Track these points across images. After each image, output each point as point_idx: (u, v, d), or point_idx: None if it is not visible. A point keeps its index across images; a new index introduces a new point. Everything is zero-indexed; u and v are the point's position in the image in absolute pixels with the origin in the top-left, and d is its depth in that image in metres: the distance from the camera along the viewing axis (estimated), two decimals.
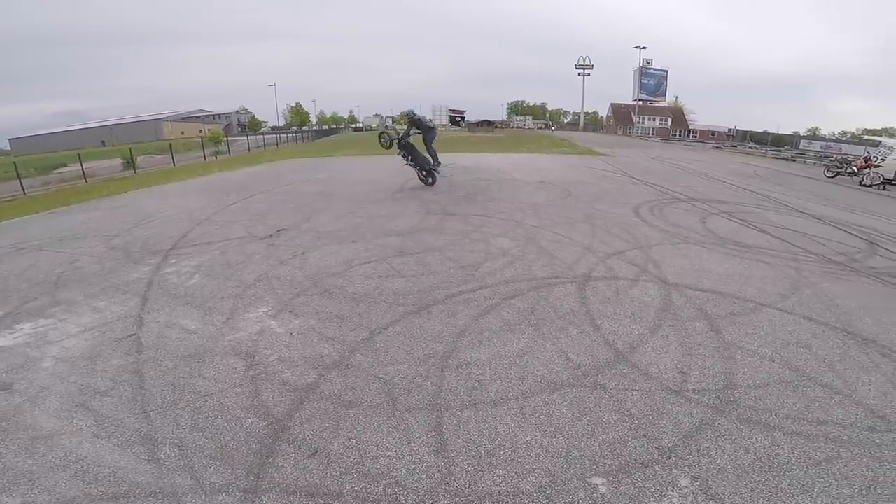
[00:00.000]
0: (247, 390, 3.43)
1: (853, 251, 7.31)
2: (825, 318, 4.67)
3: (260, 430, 3.00)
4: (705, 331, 4.32)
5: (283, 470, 2.67)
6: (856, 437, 2.93)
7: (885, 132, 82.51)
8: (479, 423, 3.04)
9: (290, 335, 4.25)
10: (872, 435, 2.95)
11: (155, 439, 2.93)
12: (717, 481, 2.56)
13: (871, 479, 2.58)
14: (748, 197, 12.37)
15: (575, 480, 2.58)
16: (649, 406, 3.21)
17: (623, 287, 5.36)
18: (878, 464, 2.69)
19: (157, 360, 3.86)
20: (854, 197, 14.30)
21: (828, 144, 34.76)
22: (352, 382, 3.51)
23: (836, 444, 2.86)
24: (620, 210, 9.73)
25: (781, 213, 10.26)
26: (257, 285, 5.45)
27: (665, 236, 7.69)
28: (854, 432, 2.98)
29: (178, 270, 6.03)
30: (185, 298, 5.12)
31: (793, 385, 3.49)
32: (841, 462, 2.71)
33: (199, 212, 9.72)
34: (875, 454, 2.77)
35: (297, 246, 7.01)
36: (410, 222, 8.45)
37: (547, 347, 4.01)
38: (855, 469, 2.66)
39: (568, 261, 6.27)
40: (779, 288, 5.45)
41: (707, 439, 2.89)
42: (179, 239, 7.57)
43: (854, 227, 9.23)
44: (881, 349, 4.05)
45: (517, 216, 8.93)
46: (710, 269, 6.08)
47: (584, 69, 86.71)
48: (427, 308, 4.78)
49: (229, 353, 3.96)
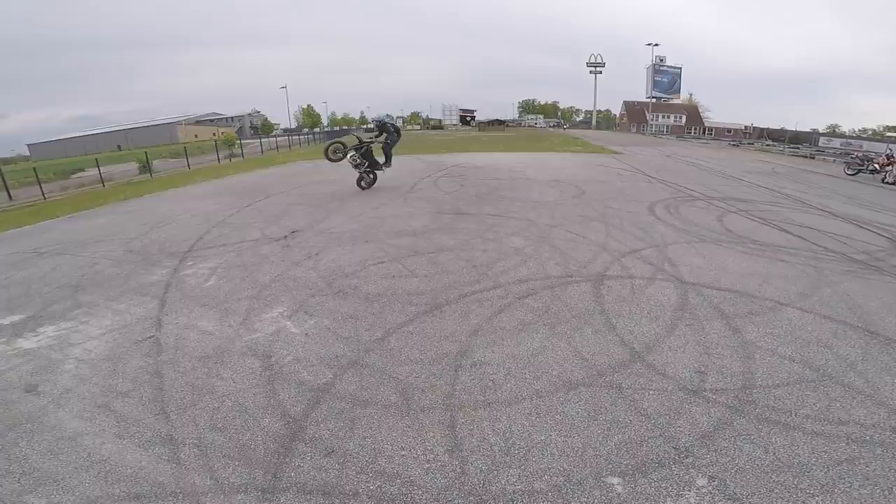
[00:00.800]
0: (264, 390, 3.47)
1: (875, 250, 7.14)
2: (846, 317, 4.57)
3: (277, 430, 3.03)
4: (723, 330, 4.26)
5: (300, 469, 2.69)
6: (878, 438, 2.86)
7: None
8: (494, 423, 3.04)
9: (306, 335, 4.28)
10: (895, 436, 2.88)
11: (175, 439, 2.98)
12: (735, 481, 2.53)
13: (893, 481, 2.52)
14: (766, 195, 12.16)
15: (590, 480, 2.56)
16: (666, 406, 3.18)
17: (639, 286, 5.31)
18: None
19: (176, 362, 3.93)
20: (876, 195, 13.96)
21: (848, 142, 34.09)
22: (366, 382, 3.53)
23: (857, 445, 2.80)
24: (635, 208, 9.64)
25: (801, 212, 10.07)
26: (273, 286, 5.51)
27: (681, 235, 7.59)
28: (876, 433, 2.91)
29: (196, 273, 6.12)
30: (203, 300, 5.19)
31: (813, 385, 3.42)
32: (863, 463, 2.66)
33: (214, 214, 9.86)
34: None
35: (312, 247, 7.07)
36: (423, 222, 8.48)
37: (561, 346, 3.99)
38: (877, 470, 2.60)
39: (582, 259, 6.23)
40: (799, 287, 5.35)
41: (725, 439, 2.85)
42: (196, 241, 7.69)
43: (877, 225, 9.02)
44: None
45: (530, 215, 8.90)
46: (728, 267, 5.99)
47: (595, 67, 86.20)
48: (440, 307, 4.78)
49: (246, 353, 4.01)
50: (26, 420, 3.23)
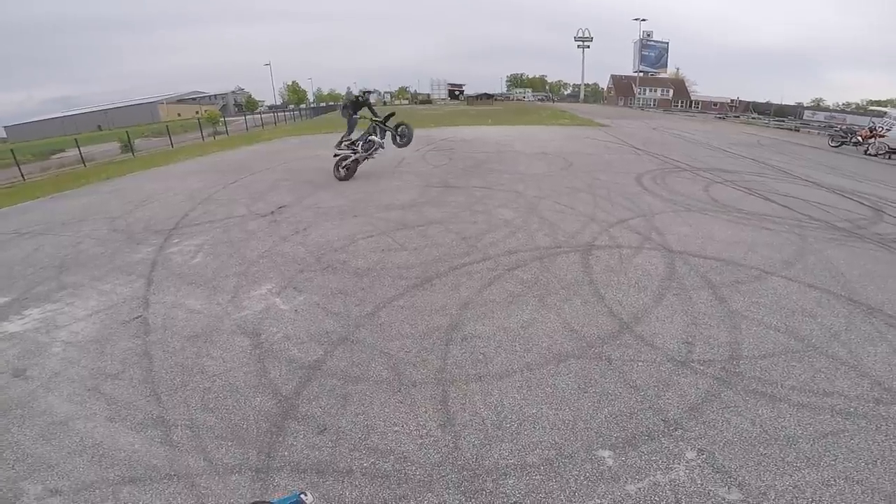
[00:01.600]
0: (254, 369, 3.46)
1: (858, 218, 7.24)
2: (830, 286, 4.65)
3: (269, 409, 3.03)
4: (710, 300, 4.31)
5: (293, 448, 2.70)
6: (862, 410, 2.92)
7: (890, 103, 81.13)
8: (485, 397, 3.06)
9: (295, 312, 4.25)
10: (879, 407, 2.94)
11: (167, 421, 2.97)
12: (723, 454, 2.58)
13: (877, 454, 2.57)
14: (751, 166, 12.21)
15: (582, 453, 2.60)
16: (655, 378, 3.23)
17: (627, 255, 5.34)
18: (885, 437, 2.69)
19: (164, 342, 3.89)
20: (859, 166, 14.09)
21: (832, 115, 34.22)
22: (357, 358, 3.53)
23: (842, 417, 2.86)
24: (622, 180, 9.63)
25: (785, 182, 10.14)
26: (260, 262, 5.44)
27: (668, 204, 7.62)
28: (860, 404, 2.97)
29: (182, 250, 6.02)
30: (190, 278, 5.12)
31: (798, 355, 3.48)
32: (847, 435, 2.71)
33: (199, 192, 9.65)
34: (881, 427, 2.77)
35: (299, 222, 6.98)
36: (411, 196, 8.39)
37: (551, 318, 4.01)
38: (861, 443, 2.65)
39: (570, 230, 6.23)
40: (783, 255, 5.42)
41: (713, 411, 2.90)
42: (181, 219, 7.54)
43: (859, 194, 9.13)
44: (886, 318, 4.04)
45: (518, 187, 8.85)
46: (714, 236, 6.04)
47: (583, 41, 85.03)
48: (430, 281, 4.77)
49: (235, 332, 3.98)
50: (16, 405, 3.19)
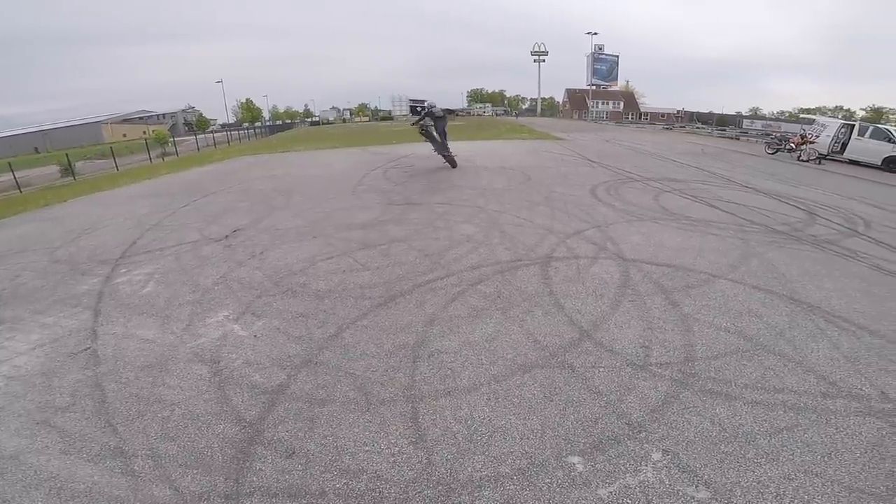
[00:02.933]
0: (215, 396, 3.34)
1: (794, 221, 7.77)
2: (772, 286, 4.95)
3: (233, 435, 2.93)
4: (663, 304, 4.50)
5: (261, 473, 2.63)
6: (811, 404, 3.09)
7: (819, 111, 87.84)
8: (455, 411, 3.07)
9: (255, 337, 4.14)
10: (826, 401, 3.12)
11: (126, 452, 2.84)
12: (687, 454, 2.67)
13: (830, 445, 2.72)
14: (697, 174, 12.89)
15: (552, 461, 2.64)
16: (616, 382, 3.33)
17: (584, 265, 5.50)
18: (835, 430, 2.85)
19: (116, 372, 3.70)
20: (793, 171, 15.12)
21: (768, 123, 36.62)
22: (322, 380, 3.46)
23: (794, 412, 3.01)
24: (578, 192, 9.95)
25: (728, 189, 10.75)
26: (216, 289, 5.27)
27: (621, 215, 7.92)
28: (809, 399, 3.14)
29: (131, 279, 5.75)
30: (141, 308, 4.90)
31: (748, 354, 3.67)
32: (801, 429, 2.85)
33: (148, 217, 9.28)
34: (831, 420, 2.93)
35: (256, 245, 6.81)
36: (372, 214, 8.36)
37: (515, 330, 4.08)
38: (814, 436, 2.80)
39: (530, 243, 6.37)
40: (729, 259, 5.73)
41: (674, 412, 3.01)
42: (129, 247, 7.21)
43: (794, 199, 9.79)
44: (825, 315, 4.33)
45: (479, 202, 8.99)
46: (665, 243, 6.32)
47: (539, 56, 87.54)
48: (394, 299, 4.76)
49: (192, 360, 3.83)
50: None
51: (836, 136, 19.85)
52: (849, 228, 7.43)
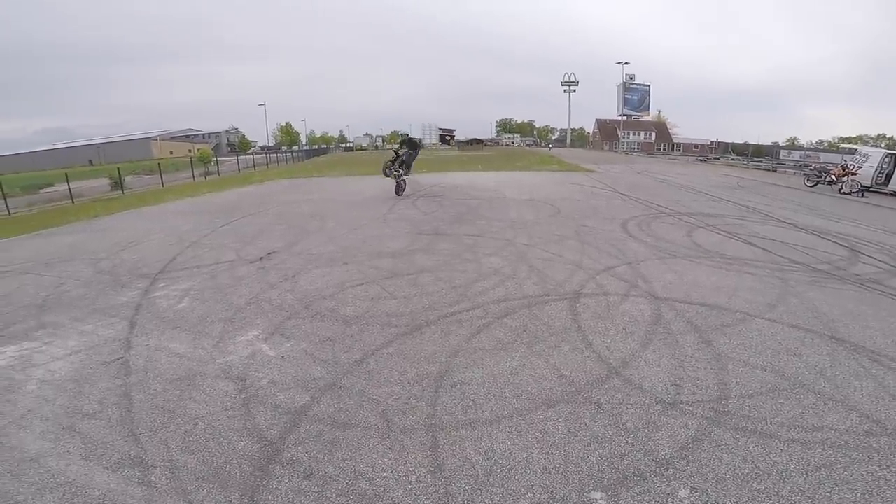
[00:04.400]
0: (238, 413, 3.39)
1: (836, 259, 7.45)
2: (812, 325, 4.73)
3: (253, 453, 2.96)
4: (696, 343, 4.36)
5: (277, 492, 2.63)
6: (853, 442, 2.95)
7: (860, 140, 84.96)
8: (476, 442, 3.02)
9: (282, 358, 4.21)
10: (869, 439, 2.97)
11: (145, 462, 2.89)
12: (716, 491, 2.56)
13: (871, 483, 2.60)
14: (732, 209, 12.58)
15: (573, 496, 2.56)
16: (644, 419, 3.22)
17: (613, 302, 5.40)
18: (878, 467, 2.72)
19: (145, 384, 3.81)
20: (834, 205, 14.59)
21: (807, 154, 35.65)
22: (345, 404, 3.47)
23: (833, 450, 2.88)
24: (609, 226, 9.85)
25: (765, 224, 10.44)
26: (248, 309, 5.41)
27: (653, 251, 7.78)
28: (851, 437, 3.00)
29: (167, 294, 5.97)
30: (175, 322, 5.06)
31: (786, 393, 3.52)
32: (840, 467, 2.73)
33: (188, 234, 9.67)
34: (874, 458, 2.80)
35: (288, 269, 6.99)
36: (402, 243, 8.47)
37: (540, 365, 4.01)
38: (855, 473, 2.67)
39: (558, 278, 6.31)
40: (766, 298, 5.53)
41: (704, 450, 2.90)
42: (169, 262, 7.52)
43: (836, 235, 9.41)
44: (869, 354, 4.12)
45: (508, 235, 9.00)
46: (699, 282, 6.15)
47: (569, 86, 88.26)
48: (420, 329, 4.77)
49: (220, 376, 3.91)
50: None
51: (880, 166, 19.03)
52: (895, 267, 7.07)
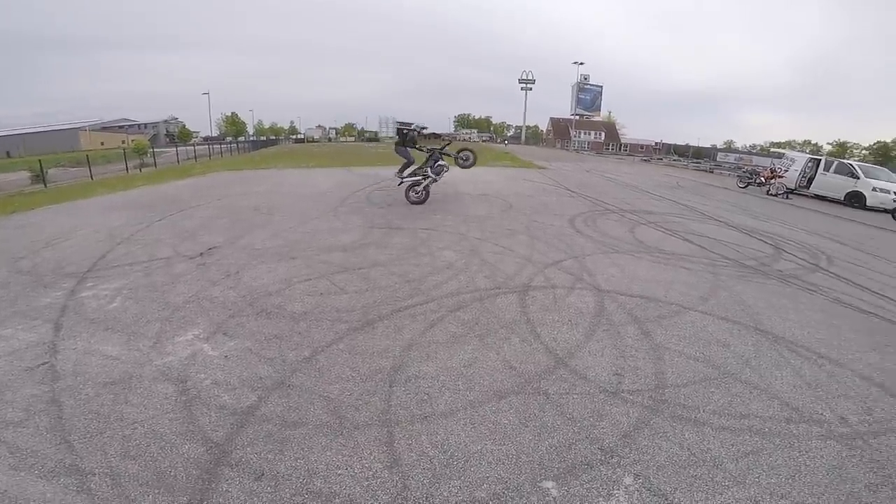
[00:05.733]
0: (181, 416, 3.23)
1: (762, 256, 8.06)
2: (740, 318, 5.10)
3: (199, 456, 2.84)
4: (636, 334, 4.59)
5: (228, 495, 2.54)
6: (776, 429, 3.20)
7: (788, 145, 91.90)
8: (431, 436, 3.04)
9: (226, 358, 4.04)
10: (790, 426, 3.24)
11: (82, 469, 2.72)
12: (658, 478, 2.71)
13: (794, 469, 2.82)
14: (672, 207, 13.30)
15: (527, 486, 2.64)
16: (589, 408, 3.36)
17: (560, 295, 5.58)
18: (798, 453, 2.96)
19: (76, 389, 3.55)
20: (762, 206, 15.75)
21: (740, 157, 38.17)
22: (295, 403, 3.39)
23: (759, 437, 3.12)
24: (557, 222, 10.14)
25: (701, 222, 11.12)
26: (187, 307, 5.15)
27: (598, 246, 8.09)
28: (774, 424, 3.26)
29: (97, 294, 5.58)
30: (106, 323, 4.74)
31: (716, 382, 3.78)
32: (766, 453, 2.95)
33: (120, 230, 9.06)
34: (794, 444, 3.05)
35: (231, 265, 6.70)
36: (353, 237, 8.34)
37: (492, 357, 4.09)
38: (779, 459, 2.90)
39: (509, 271, 6.44)
40: (699, 291, 5.90)
41: (645, 437, 3.06)
42: (98, 260, 7.02)
43: (763, 233, 10.18)
44: (788, 345, 4.51)
45: (462, 229, 9.07)
46: (639, 275, 6.47)
47: (526, 83, 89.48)
48: (372, 324, 4.72)
49: (158, 378, 3.71)
50: None
51: (804, 170, 20.69)
52: (812, 264, 7.74)
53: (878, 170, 19.78)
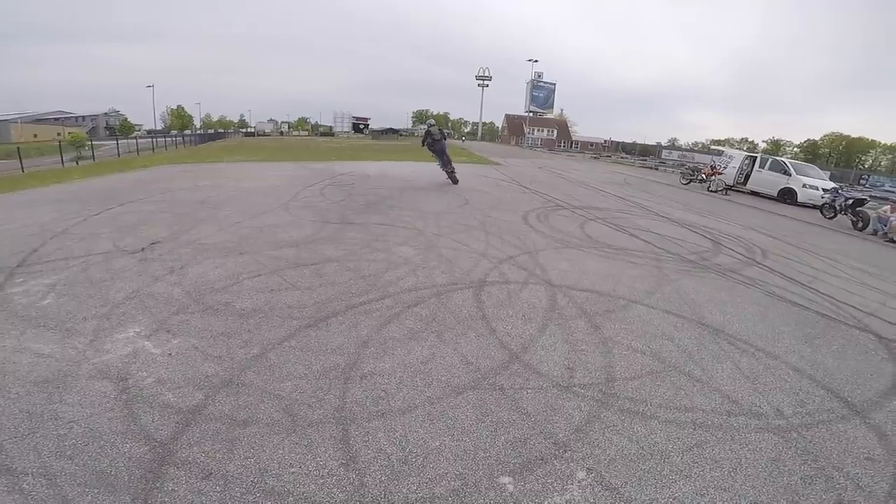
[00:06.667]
0: (121, 414, 3.07)
1: (703, 250, 8.51)
2: (683, 311, 5.37)
3: (141, 455, 2.71)
4: (586, 328, 4.74)
5: (174, 493, 2.44)
6: (717, 422, 3.35)
7: (727, 143, 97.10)
8: (389, 433, 3.03)
9: (169, 356, 3.86)
10: (730, 419, 3.40)
11: (14, 469, 2.55)
12: (609, 472, 2.79)
13: (735, 461, 2.95)
14: (619, 203, 13.81)
15: (485, 481, 2.67)
16: (543, 403, 3.44)
17: (514, 290, 5.68)
18: (739, 446, 3.10)
19: (4, 388, 3.30)
20: (703, 201, 16.61)
21: (683, 154, 40.06)
22: (244, 401, 3.29)
23: (702, 430, 3.25)
24: (511, 217, 10.31)
25: (646, 218, 11.61)
26: (127, 304, 4.87)
27: (550, 241, 8.29)
28: (716, 417, 3.41)
29: (27, 290, 5.18)
30: (38, 320, 4.41)
31: (662, 375, 3.94)
32: (709, 446, 3.08)
33: (53, 224, 8.43)
34: (736, 437, 3.19)
35: (175, 260, 6.39)
36: (306, 232, 8.14)
37: (448, 353, 4.11)
38: (721, 452, 3.03)
39: (465, 267, 6.49)
40: (645, 285, 6.16)
41: (596, 431, 3.15)
42: (29, 255, 6.51)
43: (703, 228, 10.76)
44: (728, 338, 4.77)
45: (418, 224, 9.05)
46: (588, 270, 6.68)
47: (483, 80, 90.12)
48: (326, 320, 4.63)
49: (96, 376, 3.50)
50: None
51: (741, 167, 21.86)
52: (748, 258, 8.26)
53: (809, 167, 21.09)
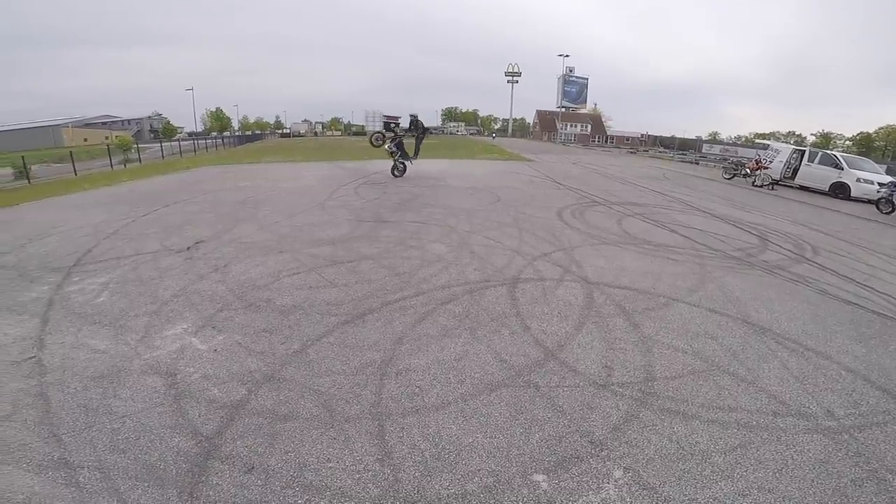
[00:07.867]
0: (170, 409, 3.21)
1: (748, 247, 8.16)
2: (727, 309, 5.17)
3: (189, 449, 2.82)
4: (625, 326, 4.63)
5: (218, 488, 2.54)
6: (763, 423, 3.23)
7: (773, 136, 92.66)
8: (423, 429, 3.05)
9: (214, 351, 4.02)
10: (777, 420, 3.27)
11: (71, 463, 2.70)
12: (647, 471, 2.73)
13: (781, 463, 2.84)
14: (658, 199, 13.40)
15: (518, 479, 2.65)
16: (579, 401, 3.39)
17: (549, 287, 5.61)
18: (785, 447, 2.98)
19: (63, 383, 3.52)
20: (748, 197, 15.91)
21: (725, 148, 38.37)
22: (285, 396, 3.39)
23: (747, 430, 3.14)
24: (545, 214, 10.18)
25: (687, 214, 11.21)
26: (174, 301, 5.10)
27: (586, 238, 8.14)
28: (761, 418, 3.28)
29: (84, 288, 5.50)
30: (93, 317, 4.68)
31: (704, 374, 3.81)
32: (753, 447, 2.97)
33: (105, 225, 8.92)
34: (781, 438, 3.07)
35: (219, 258, 6.64)
36: (342, 231, 8.30)
37: (482, 350, 4.10)
38: (766, 453, 2.92)
39: (499, 264, 6.46)
40: (687, 283, 5.96)
41: (634, 430, 3.09)
42: (84, 255, 6.91)
43: (749, 224, 10.30)
44: (775, 337, 4.56)
45: (451, 222, 9.07)
46: (627, 267, 6.52)
47: (512, 76, 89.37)
48: (362, 317, 4.71)
49: (147, 372, 3.68)
50: None
51: (789, 161, 20.84)
52: (797, 254, 7.86)
53: (862, 160, 19.93)
